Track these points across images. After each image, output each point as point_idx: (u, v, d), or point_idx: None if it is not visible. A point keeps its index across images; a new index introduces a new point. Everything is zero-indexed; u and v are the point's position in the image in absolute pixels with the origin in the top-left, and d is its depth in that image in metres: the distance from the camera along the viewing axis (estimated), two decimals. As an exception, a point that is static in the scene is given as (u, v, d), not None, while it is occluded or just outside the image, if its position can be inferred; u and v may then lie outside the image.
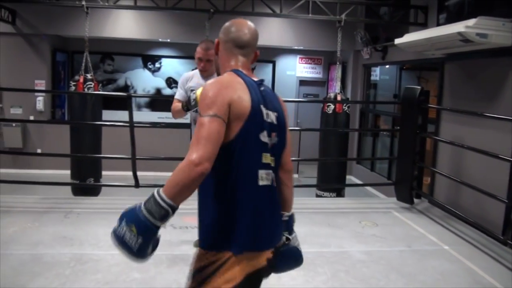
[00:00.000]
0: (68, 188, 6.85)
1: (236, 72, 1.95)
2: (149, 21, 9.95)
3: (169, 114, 4.25)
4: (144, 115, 11.09)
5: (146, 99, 11.59)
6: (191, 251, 4.66)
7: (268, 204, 1.96)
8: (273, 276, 3.93)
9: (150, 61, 11.51)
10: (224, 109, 1.79)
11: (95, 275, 3.83)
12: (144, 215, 1.69)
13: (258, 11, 8.25)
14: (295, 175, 10.69)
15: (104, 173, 7.18)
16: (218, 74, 2.07)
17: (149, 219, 1.68)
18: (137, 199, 1.94)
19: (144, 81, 11.51)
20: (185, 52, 11.22)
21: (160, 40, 10.86)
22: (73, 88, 6.92)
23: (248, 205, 1.89)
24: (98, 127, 6.98)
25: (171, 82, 11.48)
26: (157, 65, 11.56)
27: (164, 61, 11.57)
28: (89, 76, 6.93)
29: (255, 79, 1.99)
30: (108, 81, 11.38)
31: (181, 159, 1.72)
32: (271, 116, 1.96)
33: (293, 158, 9.62)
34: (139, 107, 11.41)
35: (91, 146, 6.89)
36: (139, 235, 1.69)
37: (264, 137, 1.90)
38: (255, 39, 2.05)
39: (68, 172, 6.88)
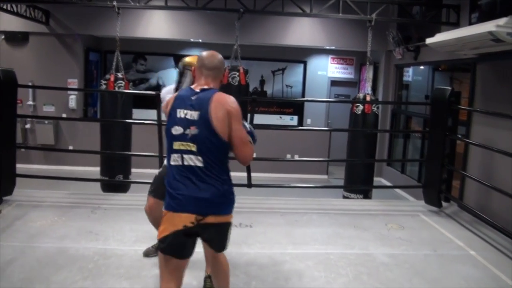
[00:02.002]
0: (98, 184, 6.98)
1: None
2: (181, 21, 10.04)
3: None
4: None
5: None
6: (231, 250, 4.69)
7: (178, 178, 2.69)
8: (295, 276, 3.95)
9: (182, 61, 11.60)
10: None
11: (118, 269, 3.89)
12: None
13: (288, 11, 8.23)
14: (324, 176, 10.65)
15: (133, 170, 7.27)
16: None
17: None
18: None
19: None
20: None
21: (191, 40, 10.93)
22: (103, 86, 7.03)
23: (167, 178, 2.75)
24: (128, 125, 7.09)
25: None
26: (189, 65, 11.64)
27: (195, 60, 11.65)
28: (120, 75, 7.03)
29: (197, 90, 2.78)
30: (140, 81, 11.54)
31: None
32: (193, 114, 2.69)
33: (320, 159, 9.65)
34: (170, 106, 11.52)
35: (121, 143, 7.00)
36: None
37: (175, 130, 2.70)
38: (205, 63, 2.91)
39: (98, 169, 7.00)
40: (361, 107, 7.25)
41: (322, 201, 6.65)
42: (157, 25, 10.10)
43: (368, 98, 7.24)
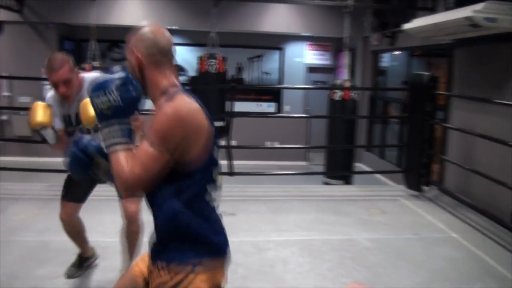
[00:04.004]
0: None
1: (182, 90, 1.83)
2: (156, 8, 9.90)
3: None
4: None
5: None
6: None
7: (219, 221, 1.93)
8: (279, 263, 3.95)
9: (157, 48, 11.46)
10: None
11: (102, 262, 3.85)
12: None
13: (264, -3, 8.19)
14: (304, 163, 10.67)
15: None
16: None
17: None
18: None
19: (152, 68, 11.50)
20: (193, 40, 11.18)
21: (167, 27, 10.77)
22: (80, 76, 6.91)
23: (200, 220, 1.84)
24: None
25: (179, 69, 11.43)
26: (165, 52, 11.52)
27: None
28: (96, 64, 6.92)
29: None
30: (116, 69, 11.40)
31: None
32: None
33: (301, 146, 9.70)
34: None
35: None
36: None
37: (216, 153, 1.91)
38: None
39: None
40: (339, 93, 7.26)
41: (303, 187, 6.68)
42: (132, 12, 9.93)
43: (347, 84, 7.25)
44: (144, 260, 1.97)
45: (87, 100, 2.77)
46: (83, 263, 3.72)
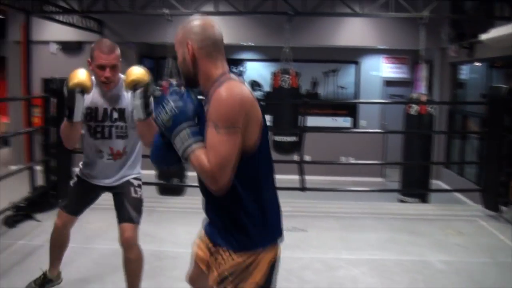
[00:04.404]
0: (154, 187, 7.14)
1: (237, 77, 1.94)
2: (232, 26, 10.14)
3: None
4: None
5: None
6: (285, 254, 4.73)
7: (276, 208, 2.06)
8: (349, 282, 3.95)
9: (234, 64, 11.71)
10: None
11: (172, 271, 4.00)
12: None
13: (338, 11, 8.18)
14: (380, 179, 10.50)
15: (190, 173, 7.40)
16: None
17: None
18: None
19: (228, 84, 11.72)
20: (268, 55, 11.34)
21: (243, 43, 11.03)
22: (158, 92, 7.17)
23: (270, 207, 2.02)
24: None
25: (255, 85, 11.62)
26: (241, 68, 11.75)
27: (247, 64, 11.74)
28: (173, 80, 7.19)
29: None
30: (194, 86, 11.73)
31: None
32: None
33: (375, 162, 9.53)
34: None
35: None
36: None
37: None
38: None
39: (154, 172, 7.17)
40: (415, 107, 7.10)
41: (377, 205, 6.59)
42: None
43: (423, 98, 7.08)
44: (200, 246, 2.19)
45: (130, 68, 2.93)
46: (45, 284, 3.57)
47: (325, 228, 5.45)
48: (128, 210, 3.25)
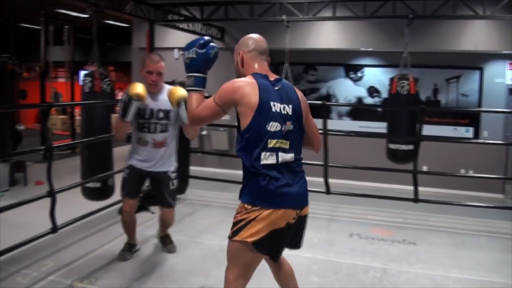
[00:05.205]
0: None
1: (254, 75, 2.69)
2: (349, 31, 10.06)
3: (370, 124, 4.30)
4: (345, 124, 11.19)
5: (347, 108, 11.66)
6: (373, 264, 4.65)
7: (274, 175, 2.57)
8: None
9: (352, 70, 11.57)
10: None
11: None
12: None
13: (459, 14, 7.78)
14: (500, 195, 9.82)
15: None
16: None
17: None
18: (326, 205, 2.22)
19: (346, 90, 11.60)
20: (387, 61, 11.04)
21: (361, 49, 10.87)
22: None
23: (262, 181, 2.59)
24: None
25: (373, 91, 11.41)
26: (359, 74, 11.57)
27: (366, 70, 11.54)
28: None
29: (272, 79, 2.70)
30: (311, 91, 11.75)
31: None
32: (286, 109, 2.64)
33: (495, 176, 8.86)
34: (340, 116, 11.55)
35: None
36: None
37: (271, 126, 2.57)
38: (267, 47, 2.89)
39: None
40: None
41: (494, 223, 6.20)
42: (327, 36, 10.23)
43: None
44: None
45: (174, 88, 3.95)
46: (131, 248, 4.61)
47: (435, 243, 5.26)
48: (167, 199, 4.40)
